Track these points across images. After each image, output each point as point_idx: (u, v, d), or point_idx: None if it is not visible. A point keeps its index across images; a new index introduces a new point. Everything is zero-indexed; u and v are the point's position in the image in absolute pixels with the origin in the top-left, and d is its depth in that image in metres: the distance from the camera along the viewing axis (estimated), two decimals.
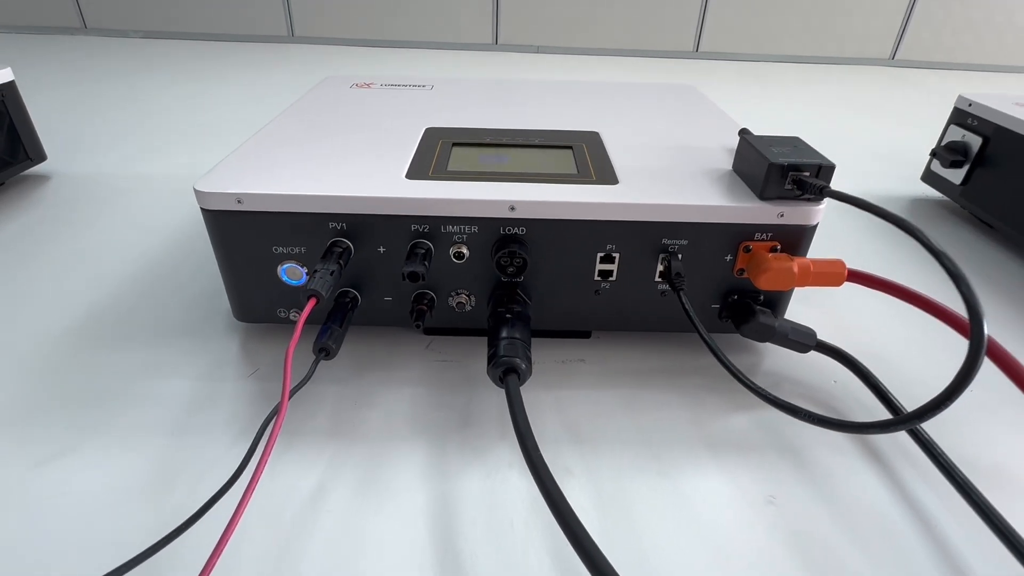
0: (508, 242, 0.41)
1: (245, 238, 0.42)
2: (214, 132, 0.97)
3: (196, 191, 0.40)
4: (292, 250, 0.42)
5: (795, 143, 0.43)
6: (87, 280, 0.54)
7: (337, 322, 0.41)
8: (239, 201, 0.40)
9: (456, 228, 0.41)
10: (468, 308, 0.45)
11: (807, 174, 0.40)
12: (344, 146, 0.48)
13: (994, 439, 0.40)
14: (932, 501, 0.36)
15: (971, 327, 0.28)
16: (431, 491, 0.35)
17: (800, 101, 1.31)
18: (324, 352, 0.39)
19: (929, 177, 0.75)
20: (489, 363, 0.37)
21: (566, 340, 0.48)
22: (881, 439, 0.40)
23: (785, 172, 0.40)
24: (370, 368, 0.45)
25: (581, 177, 0.44)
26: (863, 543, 0.33)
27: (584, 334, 0.49)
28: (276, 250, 0.42)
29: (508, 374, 0.37)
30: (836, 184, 0.81)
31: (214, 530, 0.28)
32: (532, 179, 0.43)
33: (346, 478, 0.36)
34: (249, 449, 0.32)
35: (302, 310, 0.43)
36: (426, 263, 0.40)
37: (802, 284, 0.41)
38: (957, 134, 0.70)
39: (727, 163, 0.47)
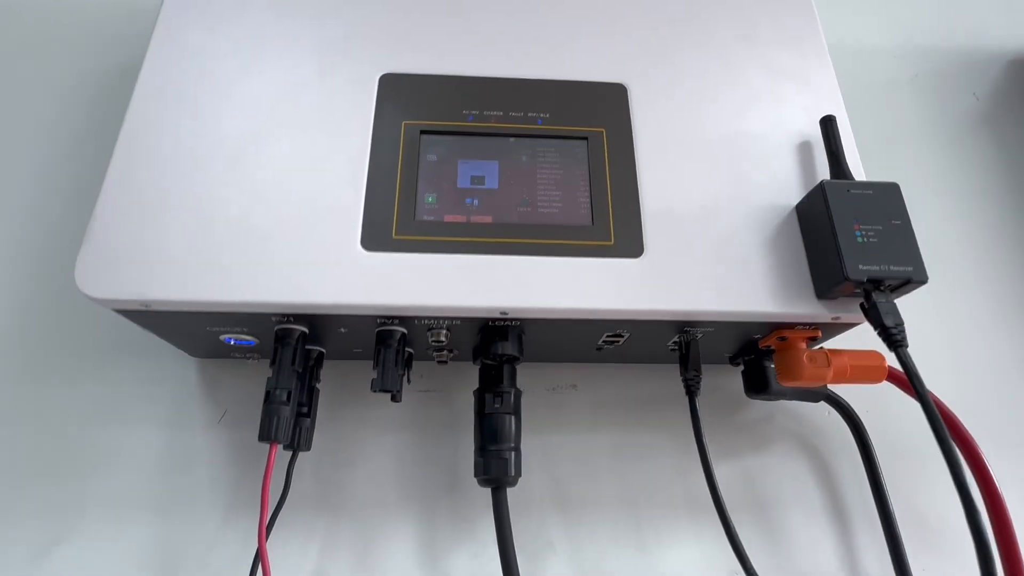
0: (495, 338, 0.34)
1: (167, 326, 0.33)
2: None
3: (84, 294, 0.30)
4: (233, 329, 0.34)
5: (890, 205, 0.32)
6: None
7: (304, 401, 0.36)
8: (145, 305, 0.31)
9: (433, 321, 0.33)
10: (449, 360, 0.39)
11: (890, 284, 0.31)
12: (261, 156, 0.33)
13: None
14: None
15: None
16: (424, 574, 0.38)
17: None
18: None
19: None
20: (476, 472, 0.35)
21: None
22: (853, 509, 0.41)
23: (861, 285, 0.31)
24: (346, 403, 0.41)
25: (596, 236, 0.33)
26: None
27: None
28: (212, 329, 0.34)
29: (497, 489, 0.35)
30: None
31: None
32: (531, 247, 0.32)
33: (342, 562, 0.38)
34: None
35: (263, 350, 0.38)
36: (400, 370, 0.34)
37: (834, 383, 0.36)
38: None
39: (797, 187, 0.35)
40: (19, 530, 0.37)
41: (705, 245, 0.33)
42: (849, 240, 0.31)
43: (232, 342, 0.36)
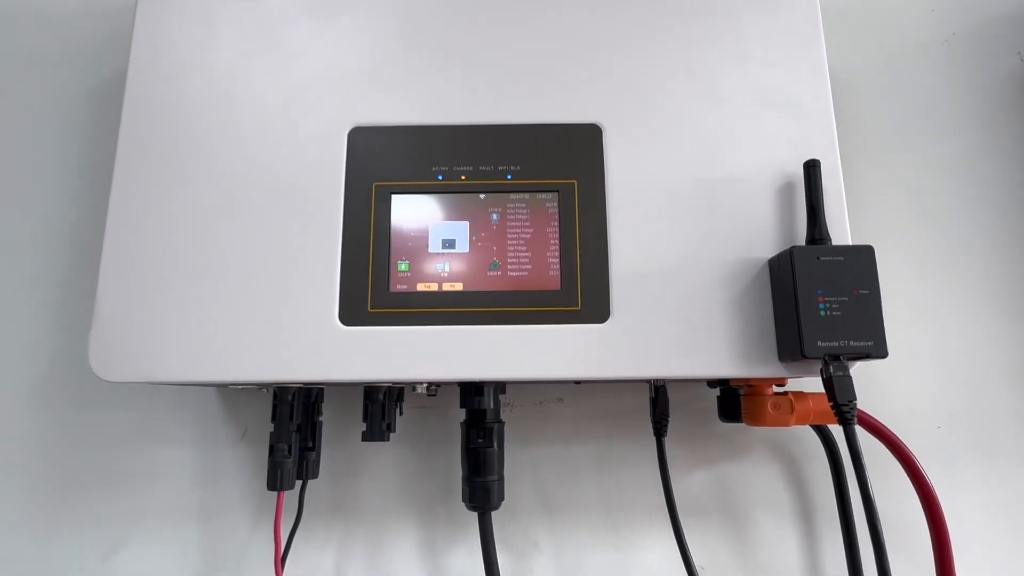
0: (473, 393, 0.36)
1: (179, 386, 0.37)
2: None
3: (99, 378, 0.34)
4: (237, 384, 0.38)
5: (861, 273, 0.31)
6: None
7: (308, 436, 0.40)
8: (153, 383, 0.34)
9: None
10: (438, 391, 0.42)
11: (848, 359, 0.31)
12: (238, 230, 0.35)
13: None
14: None
15: None
16: (426, 571, 0.44)
17: None
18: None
19: None
20: (464, 498, 0.40)
21: None
22: (821, 513, 0.44)
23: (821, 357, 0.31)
24: (351, 424, 0.46)
25: (563, 302, 0.34)
26: None
27: None
28: (217, 383, 0.38)
29: (482, 514, 0.39)
30: None
31: None
32: (501, 315, 0.34)
33: (357, 561, 0.44)
34: None
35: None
36: (387, 422, 0.37)
37: (798, 424, 0.37)
38: None
39: (773, 238, 0.34)
40: (90, 535, 0.44)
41: (672, 306, 0.34)
42: (811, 314, 0.31)
43: (240, 387, 0.40)
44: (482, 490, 0.38)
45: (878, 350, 0.30)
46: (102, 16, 0.53)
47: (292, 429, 0.37)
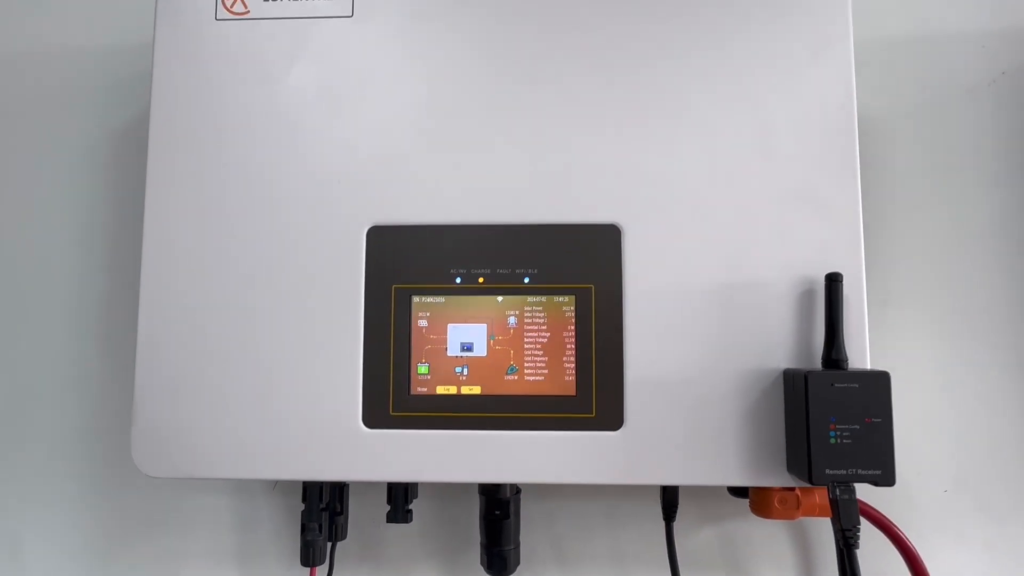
0: (492, 492, 0.38)
1: None
2: None
3: (142, 473, 0.36)
4: None
5: (874, 400, 0.31)
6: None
7: (337, 503, 0.43)
8: (191, 477, 0.36)
9: None
10: None
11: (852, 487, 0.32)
12: (263, 334, 0.36)
13: None
14: None
15: None
16: None
17: None
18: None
19: None
20: (482, 562, 0.42)
21: None
22: (823, 567, 0.46)
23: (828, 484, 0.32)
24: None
25: (579, 408, 0.35)
26: None
27: None
28: None
29: None
30: None
31: None
32: (517, 421, 0.35)
33: None
34: None
35: None
36: (409, 508, 0.39)
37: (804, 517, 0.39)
38: None
39: (790, 348, 0.34)
40: (144, 572, 0.49)
41: (685, 415, 0.35)
42: (822, 441, 0.31)
43: None
44: (499, 559, 0.41)
45: (885, 479, 0.31)
46: (125, 54, 0.52)
47: (321, 508, 0.39)
